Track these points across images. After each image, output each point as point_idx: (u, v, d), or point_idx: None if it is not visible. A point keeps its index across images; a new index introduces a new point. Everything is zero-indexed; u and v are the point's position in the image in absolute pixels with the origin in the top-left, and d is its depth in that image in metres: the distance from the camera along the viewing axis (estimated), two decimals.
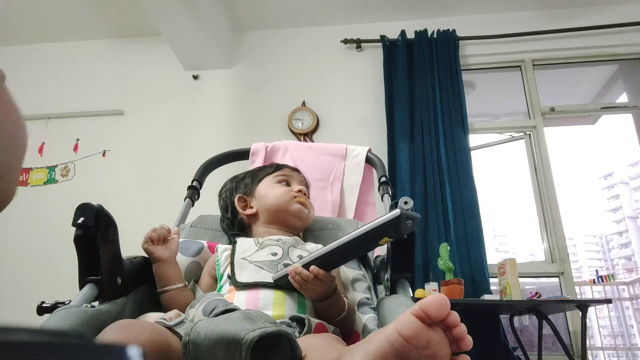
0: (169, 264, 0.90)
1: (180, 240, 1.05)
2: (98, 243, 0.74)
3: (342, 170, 1.51)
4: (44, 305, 0.75)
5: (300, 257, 0.91)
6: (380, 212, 1.56)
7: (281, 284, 0.82)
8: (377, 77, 2.90)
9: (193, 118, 2.97)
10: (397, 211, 0.67)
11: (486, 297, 2.12)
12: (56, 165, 2.94)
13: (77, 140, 2.97)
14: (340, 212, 1.47)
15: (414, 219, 0.68)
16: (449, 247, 2.21)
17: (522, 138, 2.90)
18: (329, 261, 0.77)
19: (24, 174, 2.94)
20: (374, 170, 1.52)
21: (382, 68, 2.87)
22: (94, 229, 0.73)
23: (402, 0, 2.91)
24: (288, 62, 3.06)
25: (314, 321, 0.76)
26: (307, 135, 2.83)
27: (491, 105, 3.74)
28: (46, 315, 0.70)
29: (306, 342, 0.63)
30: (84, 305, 0.72)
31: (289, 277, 0.79)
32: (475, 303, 2.08)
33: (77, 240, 0.74)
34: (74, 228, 0.73)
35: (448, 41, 2.85)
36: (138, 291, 0.87)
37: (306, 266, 0.77)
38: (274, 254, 0.90)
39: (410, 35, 2.90)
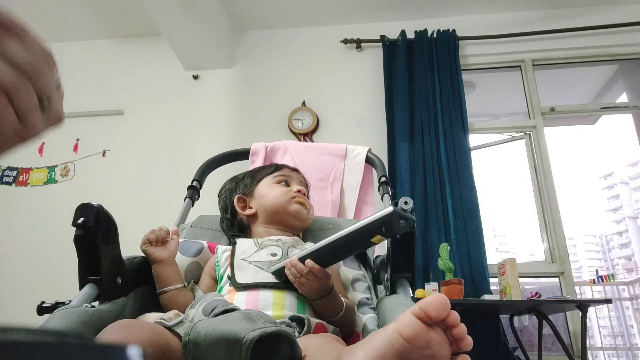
0: (168, 264, 0.90)
1: (180, 240, 1.05)
2: (98, 243, 0.74)
3: (342, 170, 1.51)
4: (44, 305, 0.75)
5: None
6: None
7: (277, 277, 0.84)
8: (377, 77, 2.90)
9: (193, 118, 2.97)
10: (389, 209, 0.67)
11: (486, 297, 2.12)
12: (56, 165, 2.94)
13: (77, 140, 2.97)
14: (340, 212, 1.47)
15: (408, 220, 0.67)
16: (449, 247, 2.21)
17: (522, 138, 2.90)
18: (324, 257, 0.78)
19: (23, 173, 2.94)
20: (374, 170, 1.52)
21: (382, 68, 2.87)
22: (94, 229, 0.73)
23: (402, 0, 2.91)
24: (288, 62, 3.06)
25: (314, 321, 0.76)
26: (307, 135, 2.83)
27: (491, 105, 3.74)
28: (46, 315, 0.70)
29: (306, 342, 0.63)
30: (84, 305, 0.72)
31: (285, 269, 0.81)
32: (475, 303, 2.08)
33: (78, 240, 0.74)
34: (74, 228, 0.73)
35: (448, 41, 2.85)
36: (138, 291, 0.87)
37: (302, 260, 0.79)
38: (274, 255, 0.90)
39: (410, 35, 2.90)
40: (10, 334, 0.17)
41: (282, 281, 0.83)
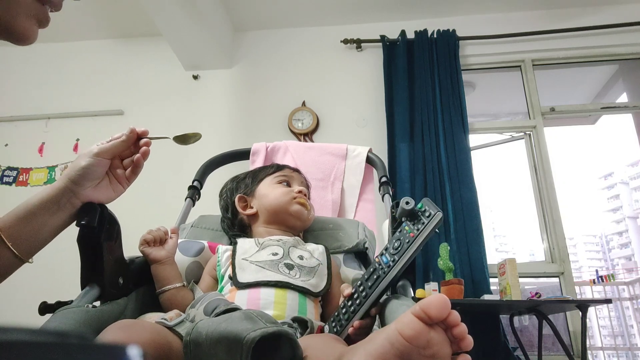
0: (166, 264, 0.90)
1: (181, 240, 1.05)
2: (102, 243, 0.74)
3: (343, 170, 1.51)
4: (45, 305, 0.75)
5: (301, 258, 0.91)
6: (380, 212, 1.56)
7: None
8: (377, 77, 2.90)
9: (193, 118, 2.97)
10: (439, 214, 0.69)
11: (486, 297, 2.12)
12: (56, 165, 2.93)
13: (77, 140, 2.97)
14: (341, 212, 1.47)
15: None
16: (449, 247, 2.21)
17: (522, 138, 2.90)
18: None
19: (23, 173, 2.94)
20: (374, 170, 1.52)
21: (382, 68, 2.87)
22: (98, 229, 0.73)
23: (402, 0, 2.91)
24: (288, 62, 3.06)
25: (317, 323, 0.76)
26: (307, 135, 2.83)
27: (491, 105, 3.74)
28: (48, 315, 0.70)
29: (307, 342, 0.63)
30: (85, 305, 0.72)
31: (352, 334, 0.73)
32: (475, 303, 2.08)
33: (81, 240, 0.74)
34: (77, 228, 0.73)
35: (448, 41, 2.85)
36: (139, 291, 0.87)
37: (367, 311, 0.73)
38: (275, 254, 0.90)
39: (410, 35, 2.90)
40: (10, 334, 0.17)
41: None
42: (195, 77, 3.07)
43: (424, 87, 2.75)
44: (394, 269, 0.70)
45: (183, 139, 0.90)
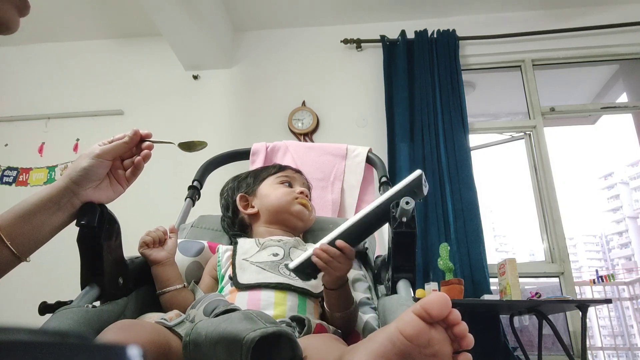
0: (167, 265, 0.90)
1: (181, 240, 1.05)
2: (102, 243, 0.74)
3: (343, 170, 1.51)
4: (45, 305, 0.75)
5: None
6: None
7: (300, 273, 0.77)
8: (377, 77, 2.90)
9: (193, 118, 2.97)
10: (418, 171, 0.71)
11: (486, 297, 2.12)
12: (56, 165, 2.93)
13: (77, 140, 2.97)
14: (341, 212, 1.47)
15: (427, 186, 0.75)
16: (449, 247, 2.21)
17: (522, 138, 2.90)
18: (352, 236, 0.75)
19: (23, 173, 2.94)
20: (374, 170, 1.52)
21: (382, 68, 2.87)
22: (98, 229, 0.73)
23: (402, 0, 2.91)
24: (288, 62, 3.06)
25: (314, 321, 0.76)
26: (307, 135, 2.83)
27: (491, 105, 3.74)
28: (48, 315, 0.70)
29: (306, 342, 0.63)
30: (85, 305, 0.72)
31: (313, 257, 0.74)
32: (475, 303, 2.08)
33: (81, 240, 0.74)
34: (76, 228, 0.73)
35: (448, 41, 2.85)
36: (139, 291, 0.87)
37: (331, 243, 0.74)
38: (275, 255, 0.90)
39: (410, 35, 2.90)
40: (10, 334, 0.17)
41: (306, 274, 0.77)
42: (195, 77, 3.07)
43: (424, 87, 2.75)
44: (351, 221, 0.76)
45: (188, 146, 0.89)
